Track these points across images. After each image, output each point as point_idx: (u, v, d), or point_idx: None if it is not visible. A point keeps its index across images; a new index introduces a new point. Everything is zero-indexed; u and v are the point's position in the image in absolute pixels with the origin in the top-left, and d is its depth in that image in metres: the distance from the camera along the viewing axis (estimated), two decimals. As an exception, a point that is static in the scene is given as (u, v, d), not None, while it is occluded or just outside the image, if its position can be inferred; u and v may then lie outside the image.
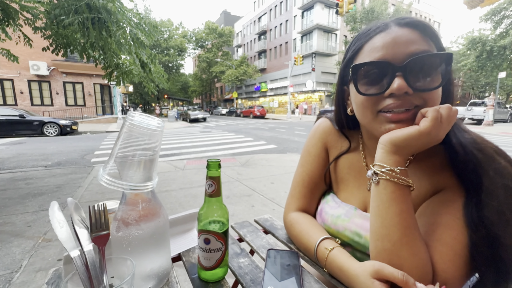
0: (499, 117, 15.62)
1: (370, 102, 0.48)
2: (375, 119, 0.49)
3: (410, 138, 0.43)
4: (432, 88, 0.44)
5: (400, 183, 0.43)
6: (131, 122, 0.42)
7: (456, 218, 0.44)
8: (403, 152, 0.44)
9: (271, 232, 0.73)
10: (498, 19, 18.84)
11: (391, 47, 0.45)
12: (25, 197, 2.97)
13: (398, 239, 0.42)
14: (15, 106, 14.43)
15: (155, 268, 0.46)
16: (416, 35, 0.45)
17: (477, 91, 31.59)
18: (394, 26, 0.46)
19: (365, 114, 0.50)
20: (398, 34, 0.45)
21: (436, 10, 35.78)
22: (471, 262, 0.42)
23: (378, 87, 0.47)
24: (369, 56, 0.47)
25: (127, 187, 0.42)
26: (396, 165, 0.44)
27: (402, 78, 0.43)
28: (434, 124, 0.41)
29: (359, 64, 0.48)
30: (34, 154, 5.94)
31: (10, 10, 3.22)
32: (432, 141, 0.43)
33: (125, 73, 4.12)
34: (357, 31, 12.20)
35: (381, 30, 0.47)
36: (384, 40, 0.46)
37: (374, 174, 0.46)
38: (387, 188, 0.44)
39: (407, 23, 0.46)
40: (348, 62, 0.53)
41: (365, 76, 0.48)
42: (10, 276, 1.59)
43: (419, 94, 0.44)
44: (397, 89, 0.43)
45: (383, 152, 0.45)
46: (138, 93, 35.47)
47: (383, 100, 0.46)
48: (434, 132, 0.41)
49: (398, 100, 0.45)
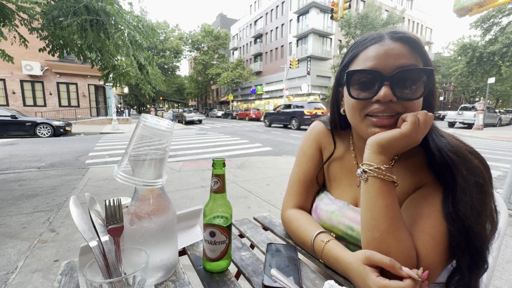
0: (488, 122, 16.02)
1: (359, 106, 0.54)
2: (363, 122, 0.55)
3: (393, 140, 0.48)
4: (413, 98, 0.50)
5: (386, 179, 0.49)
6: (144, 123, 0.46)
7: (436, 210, 0.49)
8: (387, 152, 0.50)
9: (269, 228, 0.77)
10: (488, 26, 19.38)
11: (382, 59, 0.50)
12: (19, 198, 2.94)
13: (386, 228, 0.47)
14: (7, 106, 14.19)
15: (164, 259, 0.50)
16: (406, 49, 0.50)
17: (468, 96, 32.35)
18: (388, 39, 0.51)
19: (354, 115, 0.56)
20: (390, 47, 0.50)
21: (428, 16, 36.61)
22: (449, 251, 0.47)
23: (368, 92, 0.52)
24: (363, 64, 0.52)
25: (140, 183, 0.45)
26: (382, 164, 0.49)
27: (389, 87, 0.49)
28: (413, 127, 0.47)
29: (353, 70, 0.53)
30: (27, 155, 5.85)
31: (7, 11, 3.20)
32: (412, 142, 0.49)
33: (122, 75, 4.13)
34: (352, 36, 12.41)
35: (376, 41, 0.52)
36: (377, 51, 0.51)
37: (363, 172, 0.51)
38: (375, 184, 0.49)
39: (400, 37, 0.51)
40: (344, 67, 0.59)
41: (357, 82, 0.53)
42: (6, 277, 1.59)
43: (401, 102, 0.50)
44: (383, 96, 0.49)
45: (370, 153, 0.51)
46: (133, 94, 35.24)
47: (371, 105, 0.52)
48: (413, 134, 0.47)
49: (382, 106, 0.51)
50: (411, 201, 0.55)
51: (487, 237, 0.46)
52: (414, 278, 0.41)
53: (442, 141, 0.52)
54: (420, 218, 0.50)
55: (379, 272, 0.45)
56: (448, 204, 0.48)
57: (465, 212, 0.45)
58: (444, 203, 0.49)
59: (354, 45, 0.58)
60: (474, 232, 0.45)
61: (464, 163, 0.48)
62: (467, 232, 0.45)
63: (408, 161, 0.58)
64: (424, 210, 0.51)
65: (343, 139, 0.72)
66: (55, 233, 2.15)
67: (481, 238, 0.45)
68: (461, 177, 0.47)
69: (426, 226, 0.49)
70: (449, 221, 0.47)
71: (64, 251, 1.88)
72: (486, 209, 0.46)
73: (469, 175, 0.47)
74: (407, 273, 0.42)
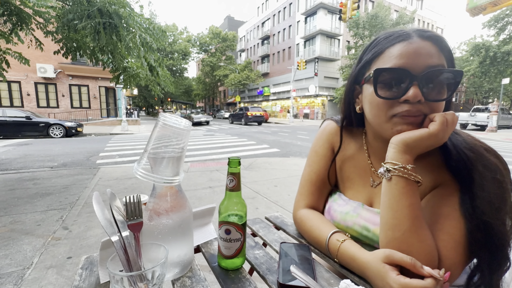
0: (502, 123, 15.55)
1: (386, 105, 0.52)
2: (388, 121, 0.53)
3: (420, 139, 0.48)
4: (441, 100, 0.49)
5: (411, 179, 0.48)
6: (164, 122, 0.47)
7: (454, 210, 0.48)
8: (412, 151, 0.49)
9: (282, 228, 0.78)
10: (502, 26, 18.90)
11: (412, 57, 0.48)
12: (34, 197, 3.03)
13: (408, 228, 0.46)
14: (22, 107, 14.67)
15: (181, 255, 0.51)
16: (435, 49, 0.49)
17: (481, 97, 31.50)
18: (416, 37, 0.49)
19: (379, 115, 0.54)
20: (420, 46, 0.48)
21: (439, 16, 35.95)
22: (469, 248, 0.46)
23: (395, 92, 0.51)
24: (390, 62, 0.50)
25: (160, 180, 0.47)
26: (407, 163, 0.49)
27: (418, 88, 0.48)
28: (441, 128, 0.46)
29: (382, 68, 0.51)
30: (41, 155, 6.03)
31: (24, 15, 3.32)
32: (438, 142, 0.48)
33: (132, 76, 4.21)
34: (360, 37, 12.27)
35: (404, 38, 0.50)
36: (407, 49, 0.49)
37: (386, 171, 0.50)
38: (399, 184, 0.48)
39: (429, 36, 0.49)
40: (365, 64, 0.57)
41: (384, 80, 0.51)
42: (22, 273, 1.64)
43: (428, 103, 0.49)
44: (412, 97, 0.48)
45: (395, 152, 0.50)
46: (142, 96, 35.85)
47: (398, 104, 0.51)
48: (441, 134, 0.47)
49: (410, 107, 0.49)
50: (428, 200, 0.54)
51: (507, 234, 0.45)
52: (436, 278, 0.40)
53: (458, 138, 0.52)
54: (439, 218, 0.49)
55: (399, 271, 0.44)
56: (466, 201, 0.47)
57: (483, 208, 0.45)
58: (462, 201, 0.48)
59: (376, 42, 0.56)
60: (493, 228, 0.44)
61: (480, 159, 0.48)
62: (485, 228, 0.44)
63: (425, 160, 0.57)
64: (442, 209, 0.50)
65: (355, 138, 0.71)
66: (68, 230, 2.20)
67: (501, 234, 0.44)
68: (478, 173, 0.47)
69: (445, 226, 0.48)
70: (467, 218, 0.46)
71: (76, 248, 1.93)
72: (505, 205, 0.45)
73: (485, 171, 0.46)
74: (429, 272, 0.41)
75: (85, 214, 2.54)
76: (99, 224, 2.34)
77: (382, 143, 0.57)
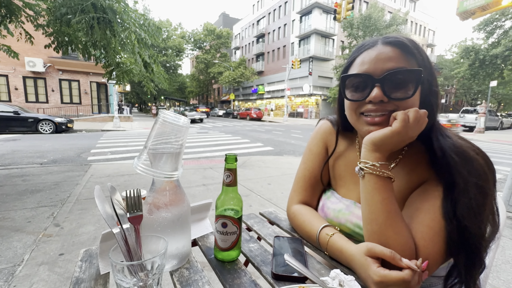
0: (490, 125, 16.01)
1: (354, 106, 0.59)
2: (358, 120, 0.59)
3: (385, 137, 0.52)
4: (403, 98, 0.53)
5: (381, 175, 0.52)
6: (164, 119, 0.49)
7: (435, 206, 0.52)
8: (381, 149, 0.53)
9: (275, 223, 0.80)
10: (491, 29, 19.37)
11: (373, 63, 0.54)
12: (23, 193, 2.97)
13: (383, 221, 0.50)
14: (9, 102, 14.23)
15: (179, 247, 0.53)
16: (396, 52, 0.54)
17: (470, 99, 32.28)
18: (380, 44, 0.56)
19: (351, 115, 0.61)
20: (380, 51, 0.54)
21: (431, 18, 36.57)
22: (447, 246, 0.49)
23: (361, 94, 0.57)
24: (358, 68, 0.57)
25: (160, 175, 0.48)
26: (377, 161, 0.52)
27: (380, 89, 0.53)
28: (403, 125, 0.50)
29: (347, 74, 0.58)
30: (29, 151, 5.90)
31: (13, 7, 3.24)
32: (404, 139, 0.51)
33: (125, 72, 4.16)
34: (354, 37, 12.45)
35: (370, 46, 0.57)
36: (369, 56, 0.55)
37: (360, 170, 0.54)
38: (371, 180, 0.52)
39: (390, 42, 0.55)
40: (343, 71, 0.63)
41: (351, 85, 0.58)
42: (12, 270, 1.62)
43: (393, 102, 0.54)
44: (374, 97, 0.54)
45: (366, 151, 0.54)
46: (135, 92, 35.30)
47: (364, 105, 0.57)
48: (404, 131, 0.50)
49: (374, 106, 0.55)
50: (413, 197, 0.58)
51: (484, 238, 0.48)
52: (413, 269, 0.44)
53: (448, 141, 0.54)
54: (420, 212, 0.53)
55: (380, 263, 0.47)
56: (447, 204, 0.50)
57: (462, 213, 0.47)
58: (443, 202, 0.51)
59: (354, 50, 0.62)
60: (470, 232, 0.47)
61: (466, 164, 0.49)
62: (463, 231, 0.47)
63: (412, 159, 0.61)
64: (423, 204, 0.53)
65: (349, 139, 0.75)
66: (59, 227, 2.18)
67: (478, 239, 0.47)
68: (461, 179, 0.48)
69: (425, 219, 0.51)
70: (446, 220, 0.49)
71: (69, 245, 1.92)
72: (484, 211, 0.48)
73: (470, 176, 0.48)
74: (407, 264, 0.44)
75: (77, 211, 2.51)
76: (91, 221, 2.32)
77: None
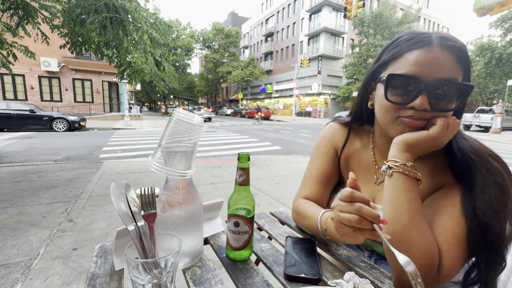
0: (506, 125, 15.42)
1: (393, 108, 0.54)
2: (393, 122, 0.55)
3: (420, 140, 0.50)
4: (447, 110, 0.51)
5: (411, 175, 0.51)
6: (178, 118, 0.49)
7: (456, 209, 0.51)
8: (412, 151, 0.52)
9: (286, 223, 0.80)
10: (509, 26, 18.64)
11: (427, 67, 0.49)
12: (39, 189, 3.07)
13: (407, 222, 0.49)
14: (26, 101, 14.75)
15: (192, 245, 0.53)
16: (451, 60, 0.49)
17: (485, 98, 31.22)
18: (436, 46, 0.49)
19: (385, 116, 0.57)
20: (437, 56, 0.49)
21: (445, 15, 35.55)
22: (469, 246, 0.49)
23: (404, 97, 0.52)
24: (405, 68, 0.51)
25: (173, 173, 0.49)
26: (407, 161, 0.51)
27: (426, 97, 0.49)
28: (441, 131, 0.49)
29: (394, 74, 0.52)
30: (44, 148, 6.09)
31: (30, 9, 3.34)
32: (437, 144, 0.51)
33: (137, 72, 4.23)
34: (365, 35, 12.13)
35: (423, 45, 0.50)
36: (423, 58, 0.50)
37: (388, 168, 0.53)
38: (399, 179, 0.51)
39: (448, 46, 0.49)
40: (383, 63, 0.58)
41: (395, 85, 0.53)
42: (29, 263, 1.68)
43: (434, 112, 0.51)
44: (419, 105, 0.50)
45: (397, 150, 0.53)
46: (145, 91, 35.86)
47: (404, 109, 0.53)
48: (440, 137, 0.49)
49: (416, 113, 0.52)
50: (432, 200, 0.56)
51: (505, 236, 0.47)
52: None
53: (465, 143, 0.54)
54: (442, 216, 0.52)
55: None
56: (467, 202, 0.49)
57: (483, 209, 0.47)
58: (463, 202, 0.50)
59: (397, 43, 0.56)
60: (491, 229, 0.46)
61: (484, 164, 0.50)
62: (484, 228, 0.47)
63: (429, 161, 0.60)
64: (445, 208, 0.52)
65: (362, 136, 0.74)
66: (73, 223, 2.24)
67: (499, 236, 0.47)
68: (480, 177, 0.49)
69: (448, 223, 0.50)
70: (467, 218, 0.48)
71: (82, 240, 1.97)
72: (505, 208, 0.48)
73: (488, 175, 0.49)
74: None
75: (89, 207, 2.58)
76: (103, 217, 2.38)
77: (388, 141, 0.59)
